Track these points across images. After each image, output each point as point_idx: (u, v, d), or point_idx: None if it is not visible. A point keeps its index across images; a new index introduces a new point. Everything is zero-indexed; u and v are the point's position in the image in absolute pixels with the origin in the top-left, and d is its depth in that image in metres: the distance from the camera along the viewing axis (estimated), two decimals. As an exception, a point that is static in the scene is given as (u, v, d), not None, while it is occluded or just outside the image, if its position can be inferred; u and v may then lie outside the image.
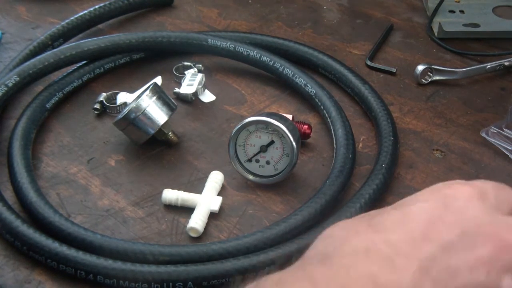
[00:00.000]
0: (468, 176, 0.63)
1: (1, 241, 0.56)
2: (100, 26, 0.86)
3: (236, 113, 0.72)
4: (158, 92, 0.63)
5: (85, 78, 0.74)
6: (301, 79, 0.71)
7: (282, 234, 0.54)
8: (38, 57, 0.70)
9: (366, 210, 0.57)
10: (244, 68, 0.77)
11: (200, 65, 0.77)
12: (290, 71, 0.72)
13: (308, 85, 0.70)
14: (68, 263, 0.51)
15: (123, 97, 0.71)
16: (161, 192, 0.59)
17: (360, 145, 0.67)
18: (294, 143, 0.59)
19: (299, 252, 0.53)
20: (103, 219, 0.58)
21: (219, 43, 0.75)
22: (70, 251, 0.51)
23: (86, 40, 0.74)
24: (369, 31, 0.86)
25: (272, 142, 0.60)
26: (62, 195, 0.61)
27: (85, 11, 0.83)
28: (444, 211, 0.32)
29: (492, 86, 0.76)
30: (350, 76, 0.73)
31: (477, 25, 0.85)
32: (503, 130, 0.66)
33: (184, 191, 0.59)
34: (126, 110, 0.63)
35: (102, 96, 0.71)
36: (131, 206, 0.60)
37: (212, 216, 0.58)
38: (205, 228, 0.57)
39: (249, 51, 0.75)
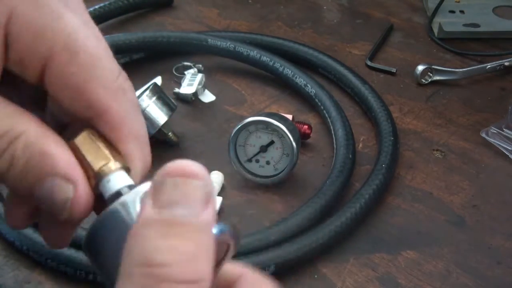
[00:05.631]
0: (468, 176, 0.63)
1: (1, 241, 0.56)
2: (100, 26, 0.86)
3: (236, 113, 0.72)
4: (158, 92, 0.63)
5: (85, 78, 0.74)
6: (301, 79, 0.71)
7: (282, 234, 0.54)
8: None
9: (366, 210, 0.57)
10: (244, 68, 0.77)
11: (200, 65, 0.77)
12: (290, 71, 0.72)
13: (308, 85, 0.70)
14: (68, 263, 0.51)
15: (123, 97, 0.71)
16: (161, 192, 0.59)
17: (360, 145, 0.67)
18: (294, 143, 0.59)
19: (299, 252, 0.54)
20: (103, 219, 0.58)
21: (219, 43, 0.75)
22: (70, 251, 0.51)
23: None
24: (369, 31, 0.86)
25: (272, 142, 0.60)
26: (62, 195, 0.61)
27: (85, 11, 0.83)
28: None
29: (492, 86, 0.76)
30: (350, 76, 0.73)
31: (477, 25, 0.85)
32: (503, 130, 0.66)
33: (184, 191, 0.59)
34: (126, 110, 0.63)
35: (102, 96, 0.71)
36: (131, 206, 0.60)
37: (212, 216, 0.58)
38: (205, 228, 0.57)
39: (249, 51, 0.75)
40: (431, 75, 0.76)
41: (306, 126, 0.65)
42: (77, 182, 0.26)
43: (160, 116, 0.63)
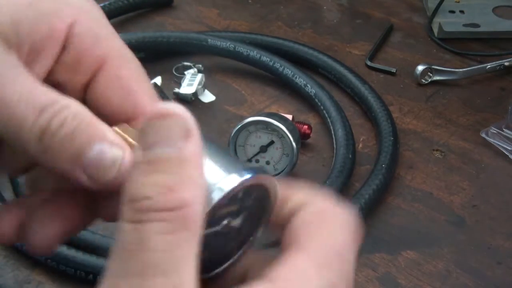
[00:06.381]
0: (468, 176, 0.63)
1: (1, 241, 0.55)
2: (100, 26, 0.86)
3: (236, 113, 0.72)
4: (158, 92, 0.63)
5: (85, 78, 0.74)
6: (301, 79, 0.71)
7: (282, 234, 0.54)
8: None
9: (366, 210, 0.57)
10: (244, 68, 0.77)
11: (200, 65, 0.77)
12: (290, 71, 0.72)
13: (308, 85, 0.70)
14: (68, 263, 0.51)
15: (123, 97, 0.71)
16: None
17: (360, 145, 0.67)
18: (294, 143, 0.59)
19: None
20: (103, 219, 0.58)
21: (219, 43, 0.75)
22: (70, 251, 0.51)
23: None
24: (369, 31, 0.86)
25: (272, 142, 0.60)
26: (62, 195, 0.61)
27: (85, 11, 0.83)
28: None
29: (492, 86, 0.76)
30: (350, 76, 0.73)
31: (477, 25, 0.85)
32: (503, 131, 0.66)
33: (184, 191, 0.59)
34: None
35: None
36: (131, 206, 0.59)
37: (212, 216, 0.58)
38: (205, 228, 0.57)
39: (249, 51, 0.75)
40: (431, 75, 0.76)
41: (306, 126, 0.65)
42: (124, 148, 0.27)
43: (160, 116, 0.63)
